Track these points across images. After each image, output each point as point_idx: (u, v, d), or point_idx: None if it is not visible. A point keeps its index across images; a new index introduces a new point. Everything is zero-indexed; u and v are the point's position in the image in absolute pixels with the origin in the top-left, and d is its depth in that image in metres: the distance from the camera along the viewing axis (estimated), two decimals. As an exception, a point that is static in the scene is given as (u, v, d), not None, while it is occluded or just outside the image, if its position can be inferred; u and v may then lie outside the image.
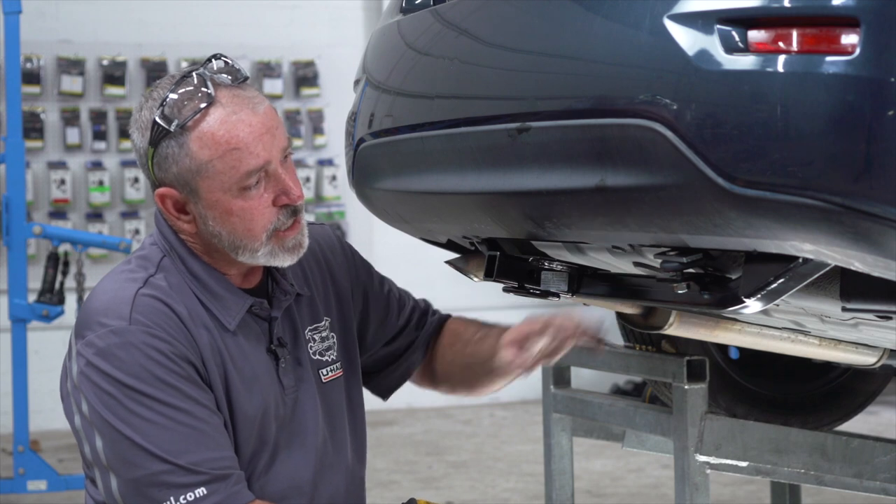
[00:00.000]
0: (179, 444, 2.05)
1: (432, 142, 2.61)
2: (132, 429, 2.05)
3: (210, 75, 2.13)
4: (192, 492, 2.04)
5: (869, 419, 6.49)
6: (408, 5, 2.86)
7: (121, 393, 2.05)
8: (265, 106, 2.14)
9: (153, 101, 2.13)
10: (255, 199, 2.13)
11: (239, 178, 2.11)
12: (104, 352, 2.07)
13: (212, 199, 2.13)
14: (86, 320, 2.13)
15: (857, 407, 3.69)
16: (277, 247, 2.16)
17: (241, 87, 2.15)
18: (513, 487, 6.29)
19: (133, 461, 2.05)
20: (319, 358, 2.31)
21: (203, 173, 2.11)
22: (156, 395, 2.06)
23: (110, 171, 8.18)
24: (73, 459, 7.05)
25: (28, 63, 7.92)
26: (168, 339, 2.10)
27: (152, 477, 2.04)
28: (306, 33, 8.66)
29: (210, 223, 2.14)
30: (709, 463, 3.01)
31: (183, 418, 2.06)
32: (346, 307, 2.41)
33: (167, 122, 2.10)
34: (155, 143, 2.12)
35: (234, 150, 2.10)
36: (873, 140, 1.75)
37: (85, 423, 2.10)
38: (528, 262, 2.66)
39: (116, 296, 2.13)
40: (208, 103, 2.10)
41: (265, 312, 2.23)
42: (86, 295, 5.88)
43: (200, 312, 2.15)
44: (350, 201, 8.33)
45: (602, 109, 2.10)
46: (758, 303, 2.13)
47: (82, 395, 2.09)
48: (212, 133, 2.10)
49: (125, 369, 2.06)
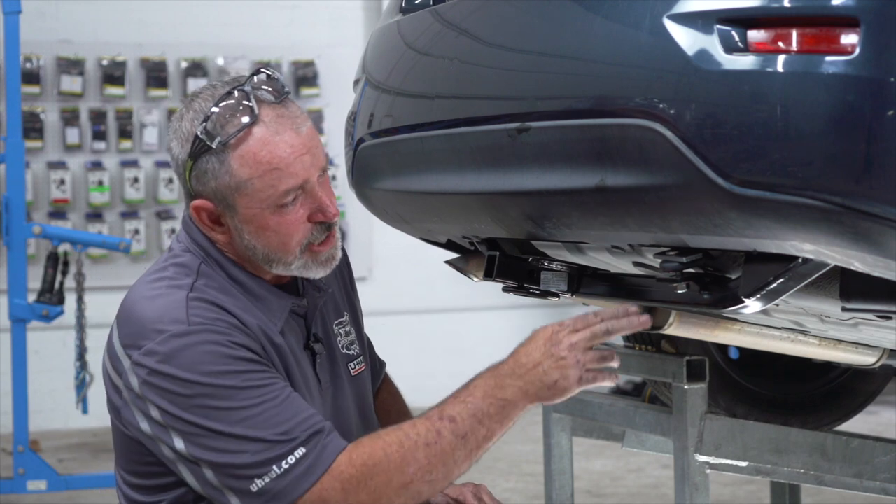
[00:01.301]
0: (266, 421, 2.07)
1: (432, 142, 2.61)
2: (215, 421, 2.07)
3: (253, 91, 2.14)
4: (291, 456, 2.07)
5: (869, 419, 6.49)
6: (408, 5, 2.86)
7: (195, 391, 2.07)
8: (308, 126, 2.17)
9: (195, 113, 2.15)
10: (292, 215, 2.16)
11: (277, 196, 2.14)
12: (169, 356, 2.08)
13: (249, 215, 2.15)
14: (139, 331, 2.13)
15: (857, 407, 3.69)
16: (311, 260, 2.20)
17: (283, 104, 2.17)
18: (513, 487, 6.29)
19: (225, 449, 2.07)
20: (347, 352, 2.36)
21: (242, 190, 2.14)
22: (229, 385, 2.08)
23: (110, 171, 8.17)
24: (73, 459, 7.05)
25: (28, 63, 7.92)
26: (228, 332, 2.12)
27: (249, 457, 2.06)
28: (306, 33, 8.66)
29: (245, 237, 2.18)
30: (709, 463, 3.01)
31: (262, 397, 2.08)
32: (355, 302, 2.46)
33: (209, 137, 2.12)
34: (195, 157, 2.14)
35: (274, 169, 2.12)
36: (873, 140, 1.75)
37: (157, 428, 2.11)
38: (527, 262, 2.66)
39: (167, 302, 2.14)
40: (252, 121, 2.12)
41: (302, 310, 2.27)
42: (86, 295, 5.89)
43: (249, 314, 2.17)
44: (350, 201, 8.32)
45: (602, 109, 2.10)
46: (758, 303, 2.13)
47: (149, 403, 2.10)
48: (253, 153, 2.12)
49: (194, 369, 2.08)
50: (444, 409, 2.13)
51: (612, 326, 2.18)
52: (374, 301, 7.61)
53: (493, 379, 2.15)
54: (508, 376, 2.15)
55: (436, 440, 2.10)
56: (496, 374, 2.16)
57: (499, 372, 2.16)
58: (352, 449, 2.11)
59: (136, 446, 2.17)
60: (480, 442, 2.13)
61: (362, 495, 2.08)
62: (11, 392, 5.67)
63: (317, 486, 2.07)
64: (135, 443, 2.17)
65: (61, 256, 5.76)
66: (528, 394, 2.15)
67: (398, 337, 8.36)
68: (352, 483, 2.08)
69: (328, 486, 2.07)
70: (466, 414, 2.12)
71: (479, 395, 2.14)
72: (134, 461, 2.20)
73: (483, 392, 2.14)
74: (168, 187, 8.24)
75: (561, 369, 2.15)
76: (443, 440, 2.10)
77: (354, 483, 2.08)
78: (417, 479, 2.10)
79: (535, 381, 2.15)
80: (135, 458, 2.19)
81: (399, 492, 2.10)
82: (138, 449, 2.17)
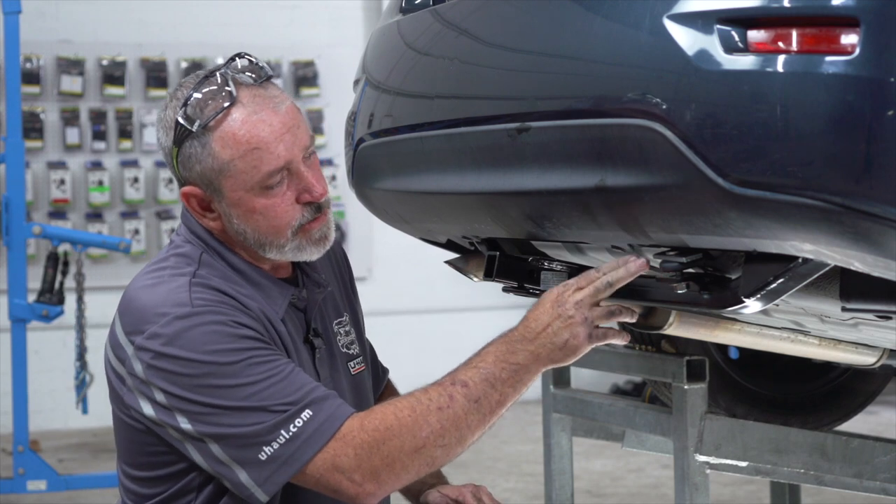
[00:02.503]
0: (272, 395, 2.08)
1: (432, 142, 2.61)
2: (222, 399, 2.08)
3: (232, 75, 2.16)
4: (298, 419, 2.08)
5: (869, 419, 6.49)
6: (407, 5, 2.86)
7: (200, 371, 2.08)
8: (287, 105, 2.17)
9: (177, 101, 2.17)
10: (279, 197, 2.17)
11: (261, 177, 2.14)
12: (173, 338, 2.09)
13: (235, 198, 2.17)
14: (141, 317, 2.14)
15: (857, 407, 3.69)
16: (304, 240, 2.20)
17: (263, 86, 2.18)
18: (513, 487, 6.29)
19: (233, 423, 2.08)
20: (346, 351, 2.37)
21: (225, 173, 2.15)
22: (234, 361, 2.09)
23: (110, 171, 8.17)
24: (73, 459, 7.05)
25: (28, 63, 7.92)
26: (231, 313, 2.13)
27: (257, 427, 2.07)
28: (306, 33, 8.66)
29: (235, 221, 2.19)
30: (709, 463, 3.01)
31: (266, 372, 2.09)
32: (356, 305, 2.47)
33: (189, 122, 2.14)
34: (179, 143, 2.16)
35: (254, 149, 2.13)
36: (873, 140, 1.75)
37: (163, 411, 2.11)
38: (527, 262, 2.66)
39: (169, 288, 2.15)
40: (230, 103, 2.13)
41: (302, 303, 2.27)
42: (85, 295, 5.89)
43: (251, 301, 2.19)
44: (350, 201, 8.33)
45: (602, 109, 2.10)
46: (758, 303, 2.13)
47: (153, 388, 2.11)
48: (233, 133, 2.13)
49: (199, 349, 2.09)
50: (455, 374, 2.14)
51: (612, 278, 2.18)
52: (374, 301, 7.62)
53: (505, 345, 2.16)
54: (519, 341, 2.16)
55: (448, 404, 2.11)
56: (507, 340, 2.17)
57: (510, 338, 2.17)
58: (363, 416, 2.11)
59: (140, 436, 2.17)
60: (494, 407, 2.14)
61: (375, 460, 2.09)
62: (11, 392, 5.67)
63: (328, 451, 2.08)
64: (138, 432, 2.17)
65: (61, 256, 5.77)
66: (540, 357, 2.16)
67: (398, 337, 8.36)
68: (364, 448, 2.08)
69: (340, 451, 2.08)
70: (479, 378, 2.13)
71: (490, 361, 2.15)
72: (137, 452, 2.20)
73: (495, 357, 2.15)
74: (168, 187, 8.25)
75: (570, 328, 2.16)
76: (455, 404, 2.11)
77: (367, 448, 2.08)
78: (430, 443, 2.10)
79: (546, 343, 2.16)
80: (138, 450, 2.19)
81: (413, 456, 2.10)
82: (142, 439, 2.17)
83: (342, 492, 2.10)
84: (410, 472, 2.12)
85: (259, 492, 2.09)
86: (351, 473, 2.08)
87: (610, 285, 2.18)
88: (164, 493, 2.18)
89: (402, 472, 2.11)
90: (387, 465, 2.09)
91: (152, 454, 2.18)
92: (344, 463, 2.08)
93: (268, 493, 2.09)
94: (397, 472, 2.10)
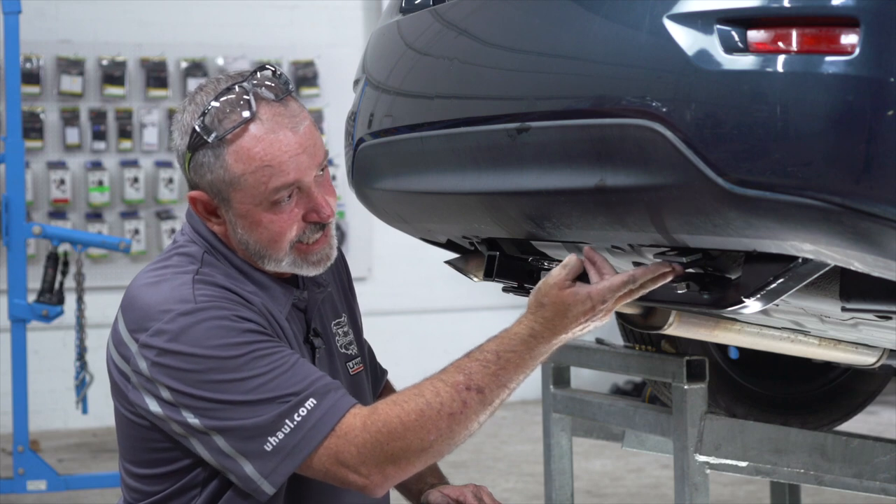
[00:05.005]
0: (277, 386, 2.09)
1: (432, 142, 2.61)
2: (227, 393, 2.09)
3: (254, 88, 2.16)
4: (302, 408, 2.09)
5: (869, 419, 6.49)
6: (407, 5, 2.86)
7: (205, 366, 2.09)
8: (305, 125, 2.18)
9: (195, 106, 2.17)
10: (286, 213, 2.18)
11: (269, 192, 2.15)
12: (178, 334, 2.10)
13: (242, 210, 2.18)
14: (145, 314, 2.14)
15: (857, 407, 3.69)
16: (300, 258, 2.21)
17: (283, 102, 2.18)
18: (513, 487, 6.29)
19: (238, 416, 2.09)
20: (345, 351, 2.37)
21: (235, 185, 2.16)
22: (238, 355, 2.10)
23: (110, 171, 8.17)
24: (73, 459, 7.05)
25: (28, 63, 7.92)
26: (234, 308, 2.14)
27: (262, 419, 2.08)
28: (306, 33, 8.66)
29: (239, 230, 2.20)
30: (708, 463, 3.01)
31: (271, 365, 2.10)
32: (354, 307, 2.47)
33: (206, 132, 2.14)
34: (193, 149, 2.17)
35: (266, 166, 2.14)
36: (873, 140, 1.75)
37: (168, 408, 2.12)
38: (527, 262, 2.66)
39: (172, 286, 2.16)
40: (249, 118, 2.14)
41: (303, 304, 2.28)
42: (85, 295, 5.89)
43: (254, 297, 2.20)
44: (350, 201, 8.33)
45: (602, 109, 2.10)
46: (758, 303, 2.13)
47: (159, 385, 2.11)
48: (248, 149, 2.14)
49: (203, 344, 2.09)
50: (471, 377, 2.12)
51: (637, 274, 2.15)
52: (374, 301, 7.63)
53: (528, 353, 2.15)
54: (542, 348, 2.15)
55: (461, 410, 2.11)
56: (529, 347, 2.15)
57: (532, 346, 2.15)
58: (367, 414, 2.12)
59: (144, 432, 2.18)
60: (503, 400, 2.16)
61: (380, 457, 2.10)
62: (11, 392, 5.67)
63: (331, 447, 2.09)
64: (142, 429, 2.17)
65: (61, 256, 5.77)
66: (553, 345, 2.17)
67: (398, 337, 8.37)
68: (367, 447, 2.10)
69: (343, 448, 2.09)
70: (495, 385, 2.13)
71: (511, 370, 2.14)
72: (140, 449, 2.20)
73: (516, 367, 2.14)
74: (168, 187, 8.24)
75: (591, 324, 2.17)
76: (468, 409, 2.11)
77: (370, 447, 2.10)
78: (438, 442, 2.11)
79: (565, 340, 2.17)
80: (141, 447, 2.20)
81: (419, 454, 2.11)
82: (146, 435, 2.18)
83: (351, 483, 2.12)
84: (417, 467, 2.14)
85: (266, 484, 2.10)
86: (356, 467, 2.10)
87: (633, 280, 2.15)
88: (168, 490, 2.19)
89: (407, 467, 2.13)
90: (392, 462, 2.11)
91: (156, 451, 2.18)
92: (348, 459, 2.10)
93: (274, 486, 2.10)
94: (403, 467, 2.13)
